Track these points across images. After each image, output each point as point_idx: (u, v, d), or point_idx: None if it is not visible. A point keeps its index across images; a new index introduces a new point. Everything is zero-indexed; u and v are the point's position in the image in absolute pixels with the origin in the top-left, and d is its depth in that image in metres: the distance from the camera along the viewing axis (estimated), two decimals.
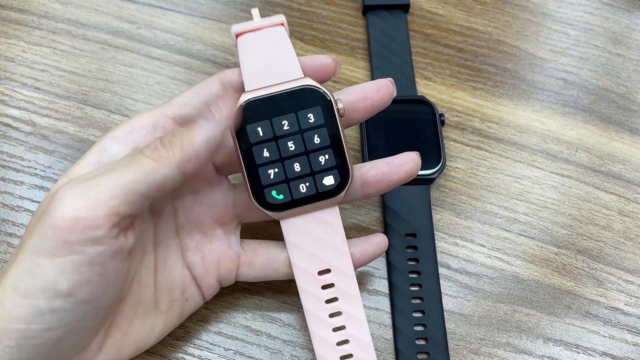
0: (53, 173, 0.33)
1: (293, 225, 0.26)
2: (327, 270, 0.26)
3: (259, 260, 0.28)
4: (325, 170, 0.26)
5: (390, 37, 0.38)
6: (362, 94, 0.27)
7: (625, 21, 0.40)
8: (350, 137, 0.35)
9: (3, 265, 0.31)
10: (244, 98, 0.25)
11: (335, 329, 0.26)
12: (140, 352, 0.26)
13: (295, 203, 0.26)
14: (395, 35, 0.38)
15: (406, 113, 0.34)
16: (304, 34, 0.38)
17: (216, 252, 0.28)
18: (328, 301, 0.26)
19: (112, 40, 0.37)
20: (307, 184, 0.25)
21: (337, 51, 0.38)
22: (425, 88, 0.37)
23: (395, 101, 0.34)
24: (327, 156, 0.25)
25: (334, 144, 0.25)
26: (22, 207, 0.32)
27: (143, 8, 0.38)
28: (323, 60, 0.27)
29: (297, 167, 0.25)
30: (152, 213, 0.27)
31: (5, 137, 0.34)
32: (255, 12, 0.27)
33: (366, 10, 0.39)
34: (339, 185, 0.26)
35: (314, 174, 0.25)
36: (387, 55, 0.37)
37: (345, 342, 0.26)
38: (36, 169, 0.33)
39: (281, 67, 0.26)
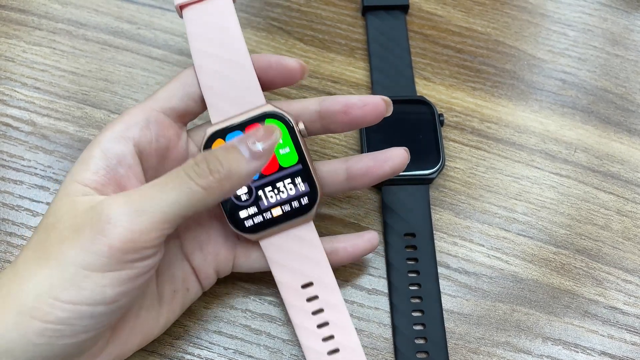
0: (53, 173, 0.33)
1: (272, 244, 0.27)
2: (310, 284, 0.27)
3: (254, 251, 0.28)
4: (293, 189, 0.27)
5: (390, 38, 0.38)
6: (344, 107, 0.27)
7: (623, 22, 0.41)
8: (349, 136, 0.35)
9: (2, 264, 0.31)
10: (211, 130, 0.26)
11: (325, 339, 0.27)
12: (145, 343, 0.27)
13: (268, 224, 0.27)
14: (395, 36, 0.38)
15: (405, 113, 0.35)
16: (303, 35, 0.38)
17: (213, 243, 0.28)
18: (314, 313, 0.27)
19: (112, 40, 0.37)
20: (277, 202, 0.27)
21: (337, 52, 0.38)
22: (425, 88, 0.37)
23: (394, 101, 0.34)
24: (292, 175, 0.27)
25: (299, 164, 0.27)
26: (22, 207, 0.32)
27: (143, 8, 0.38)
28: (289, 63, 0.27)
29: (266, 188, 0.27)
30: None
31: (6, 137, 0.34)
32: None
33: (365, 10, 0.39)
34: (307, 203, 0.27)
35: (282, 192, 0.27)
36: (386, 56, 0.37)
37: (336, 351, 0.27)
38: (36, 168, 0.33)
39: (244, 94, 0.27)
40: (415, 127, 0.34)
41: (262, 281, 0.31)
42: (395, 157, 0.28)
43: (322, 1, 0.40)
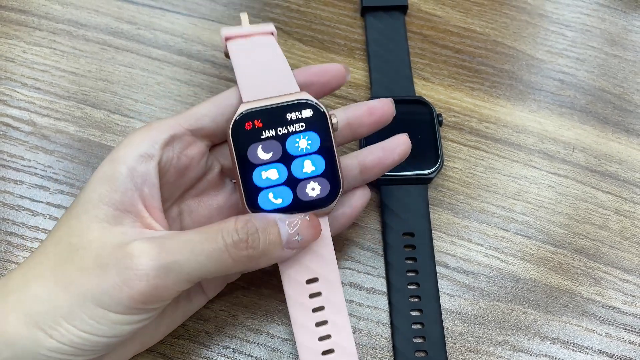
0: (53, 172, 0.33)
1: None
2: (315, 279, 0.27)
3: None
4: (317, 181, 0.26)
5: (389, 38, 0.38)
6: (368, 109, 0.28)
7: (621, 22, 0.41)
8: None
9: (2, 264, 0.31)
10: (243, 108, 0.25)
11: (321, 338, 0.27)
12: (144, 349, 0.27)
13: (285, 211, 0.26)
14: (394, 37, 0.38)
15: (404, 113, 0.35)
16: (302, 35, 0.38)
17: None
18: (315, 310, 0.27)
19: (112, 40, 0.37)
20: (298, 193, 0.26)
21: (336, 52, 0.38)
22: (423, 89, 0.37)
23: (393, 102, 0.35)
24: (319, 167, 0.26)
25: (327, 156, 0.26)
26: (22, 207, 0.32)
27: (143, 9, 0.38)
28: (338, 68, 0.28)
29: (289, 176, 0.26)
30: None
31: (6, 137, 0.34)
32: (244, 17, 0.28)
33: (364, 11, 0.39)
34: (329, 196, 0.26)
35: (305, 184, 0.26)
36: (385, 56, 0.37)
37: (331, 351, 0.27)
38: (36, 168, 0.33)
39: (277, 80, 0.26)
40: (414, 127, 0.34)
41: (261, 280, 0.31)
42: (401, 144, 0.29)
43: (322, 2, 0.40)
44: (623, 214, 0.34)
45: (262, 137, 0.26)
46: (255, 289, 0.31)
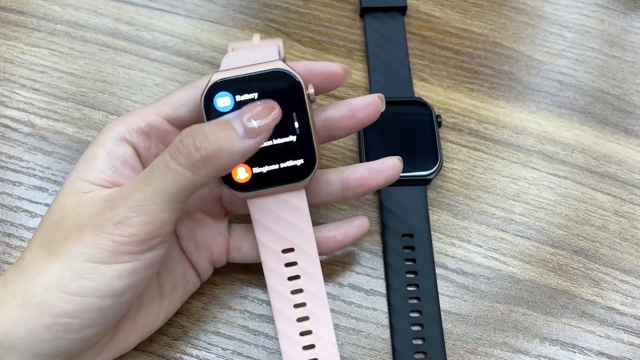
0: (52, 174, 0.33)
1: (259, 206, 0.26)
2: (291, 249, 0.27)
3: (245, 244, 0.29)
4: (291, 154, 0.25)
5: (388, 39, 0.38)
6: (349, 111, 0.27)
7: (620, 23, 0.41)
8: (348, 138, 0.35)
9: (1, 265, 0.31)
10: (216, 77, 0.25)
11: (296, 306, 0.27)
12: (146, 337, 0.27)
13: (260, 184, 0.26)
14: (393, 37, 0.38)
15: (403, 114, 0.35)
16: (301, 36, 0.38)
17: (207, 239, 0.29)
18: (290, 278, 0.27)
19: (111, 41, 0.37)
20: (271, 165, 0.25)
21: (335, 53, 0.38)
22: (422, 90, 0.37)
23: (392, 103, 0.35)
24: (293, 139, 0.25)
25: (301, 128, 0.25)
26: (21, 208, 0.32)
27: (142, 10, 0.38)
28: (334, 68, 0.27)
29: (263, 147, 0.25)
30: None
31: (4, 138, 0.34)
32: (256, 36, 0.28)
33: (363, 12, 0.39)
34: (303, 169, 0.26)
35: (278, 155, 0.25)
36: (384, 57, 0.37)
37: (305, 318, 0.27)
38: (35, 169, 0.33)
39: (259, 53, 0.26)
40: (413, 128, 0.34)
41: (260, 282, 0.31)
42: (390, 168, 0.28)
43: (321, 3, 0.40)
44: (622, 215, 0.34)
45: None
46: (254, 291, 0.31)
